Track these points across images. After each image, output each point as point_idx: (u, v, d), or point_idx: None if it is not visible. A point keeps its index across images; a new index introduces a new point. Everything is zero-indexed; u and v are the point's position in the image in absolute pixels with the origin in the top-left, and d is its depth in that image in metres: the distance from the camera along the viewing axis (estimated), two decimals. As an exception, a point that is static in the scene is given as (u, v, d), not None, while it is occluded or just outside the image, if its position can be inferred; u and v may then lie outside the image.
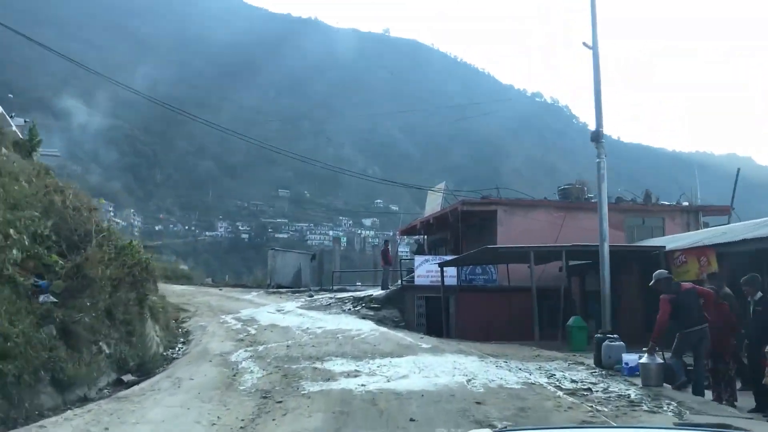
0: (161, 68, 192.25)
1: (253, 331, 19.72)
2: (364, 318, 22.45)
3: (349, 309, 24.32)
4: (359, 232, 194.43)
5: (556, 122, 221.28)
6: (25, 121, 44.07)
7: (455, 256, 25.29)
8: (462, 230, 26.50)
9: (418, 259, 25.34)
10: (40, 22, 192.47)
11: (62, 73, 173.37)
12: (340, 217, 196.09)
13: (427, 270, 24.61)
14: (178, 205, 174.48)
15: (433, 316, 24.48)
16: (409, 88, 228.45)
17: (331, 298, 28.20)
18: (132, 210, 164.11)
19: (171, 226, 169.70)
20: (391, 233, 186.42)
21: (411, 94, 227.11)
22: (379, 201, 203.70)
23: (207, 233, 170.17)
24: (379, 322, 22.32)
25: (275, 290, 34.67)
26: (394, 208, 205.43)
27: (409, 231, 35.81)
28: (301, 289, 35.21)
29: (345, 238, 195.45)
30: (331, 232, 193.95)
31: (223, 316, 23.35)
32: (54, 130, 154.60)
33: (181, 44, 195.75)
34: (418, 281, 25.17)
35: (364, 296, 25.71)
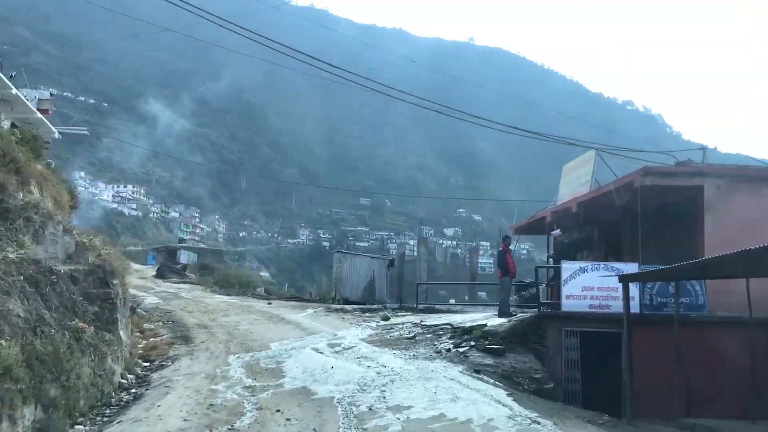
0: (246, 77, 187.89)
1: (253, 410, 9.20)
2: (478, 373, 11.75)
3: (448, 350, 13.59)
4: (441, 242, 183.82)
5: (649, 131, 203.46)
6: (51, 94, 36.48)
7: (632, 264, 14.29)
8: (633, 220, 15.36)
9: (568, 267, 14.15)
10: (128, 26, 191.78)
11: (149, 79, 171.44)
12: (421, 226, 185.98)
13: (584, 286, 13.68)
14: (262, 211, 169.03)
15: (596, 369, 13.45)
16: (493, 97, 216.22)
17: (416, 325, 17.49)
18: (217, 216, 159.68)
19: (254, 232, 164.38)
20: (474, 243, 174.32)
21: (495, 102, 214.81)
22: (461, 210, 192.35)
23: (289, 240, 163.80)
24: (506, 381, 11.60)
25: (340, 306, 24.38)
26: (477, 218, 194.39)
27: (532, 227, 24.45)
28: (374, 306, 24.77)
29: (425, 248, 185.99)
30: (411, 241, 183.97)
31: (234, 357, 13.16)
32: (141, 135, 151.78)
33: (267, 53, 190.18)
34: (567, 305, 14.11)
35: (471, 326, 14.94)
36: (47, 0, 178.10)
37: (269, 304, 26.02)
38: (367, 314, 22.07)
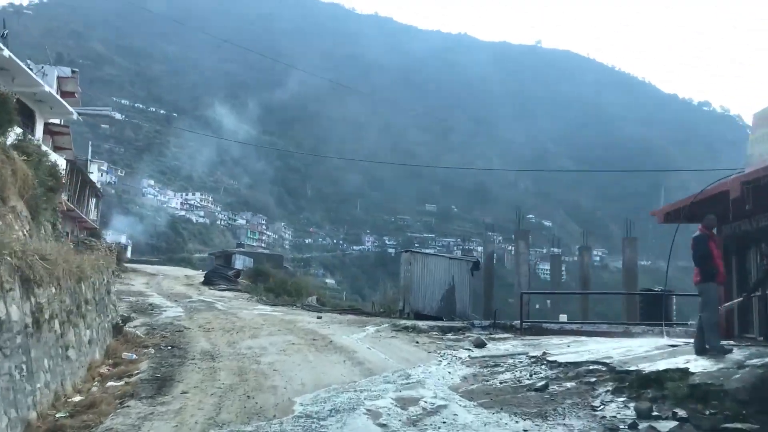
0: (311, 86, 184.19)
1: None
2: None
3: (633, 426, 6.70)
4: (510, 248, 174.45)
5: (729, 132, 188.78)
6: (73, 72, 31.51)
7: None
8: None
9: None
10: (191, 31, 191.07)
11: (217, 90, 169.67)
12: (489, 233, 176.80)
13: None
14: (327, 218, 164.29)
15: None
16: (562, 99, 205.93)
17: (535, 360, 10.48)
18: (283, 223, 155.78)
19: (320, 239, 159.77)
20: (545, 250, 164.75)
21: (564, 105, 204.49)
22: (530, 216, 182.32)
23: (354, 247, 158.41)
24: None
25: (410, 323, 17.60)
26: (547, 224, 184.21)
27: (695, 210, 16.71)
28: (456, 323, 17.94)
29: (495, 255, 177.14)
30: (480, 248, 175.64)
31: (219, 435, 6.74)
32: (209, 144, 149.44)
33: (332, 61, 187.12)
34: None
35: (655, 373, 7.94)
36: (119, 15, 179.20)
37: (319, 318, 19.60)
38: (450, 335, 15.26)
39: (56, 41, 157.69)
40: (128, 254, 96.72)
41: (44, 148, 21.56)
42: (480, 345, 13.29)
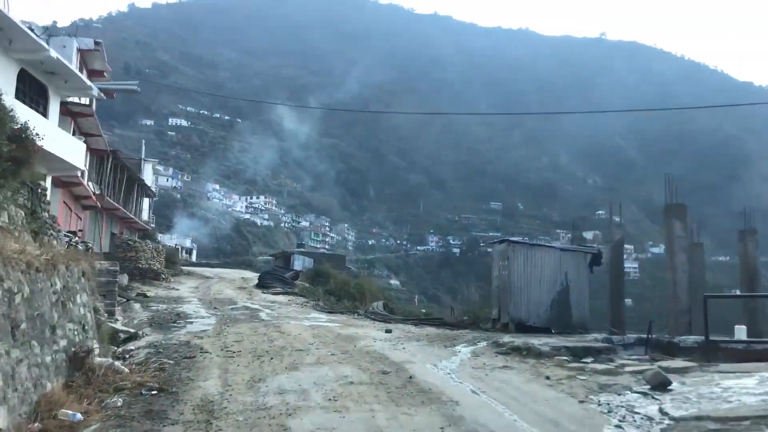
0: (371, 86, 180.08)
1: None
2: None
3: None
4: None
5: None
6: (96, 43, 27.22)
7: None
8: None
9: None
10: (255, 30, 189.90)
11: (278, 94, 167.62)
12: (557, 230, 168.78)
13: None
14: (390, 219, 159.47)
15: None
16: (627, 92, 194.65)
17: None
18: (346, 225, 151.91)
19: (383, 240, 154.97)
20: (632, 246, 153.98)
21: (630, 97, 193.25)
22: (600, 212, 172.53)
23: (418, 248, 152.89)
24: None
25: (522, 343, 11.96)
26: (617, 219, 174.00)
27: None
28: (586, 341, 12.27)
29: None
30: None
31: None
32: (272, 147, 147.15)
33: (392, 62, 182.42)
34: None
35: None
36: (184, 25, 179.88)
37: (388, 333, 14.30)
38: (590, 363, 9.68)
39: (124, 52, 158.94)
40: (193, 257, 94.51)
41: (58, 126, 17.35)
42: (662, 385, 7.67)
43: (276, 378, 8.69)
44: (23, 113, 14.01)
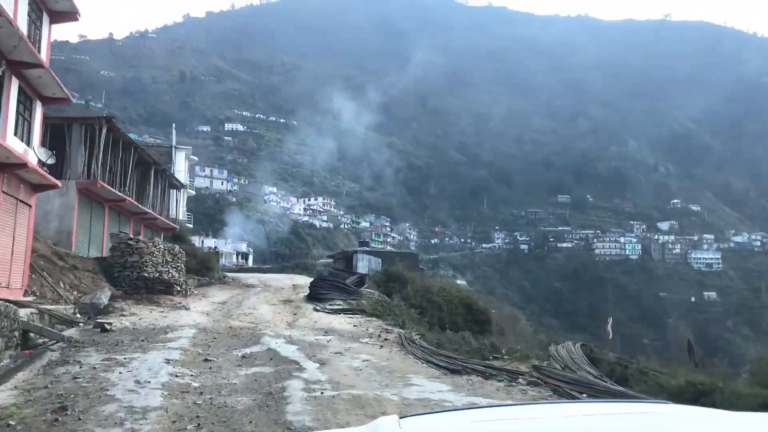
0: (428, 81, 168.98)
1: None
2: None
3: None
4: (656, 237, 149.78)
5: None
6: None
7: None
8: None
9: None
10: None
11: (334, 93, 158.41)
12: (630, 222, 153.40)
13: None
14: (453, 217, 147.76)
15: None
16: (697, 73, 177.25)
17: None
18: (407, 224, 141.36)
19: (446, 239, 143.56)
20: (696, 237, 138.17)
21: (699, 79, 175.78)
22: (675, 201, 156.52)
23: (483, 245, 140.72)
24: None
25: None
26: (695, 208, 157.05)
27: None
28: None
29: (639, 246, 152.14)
30: (622, 239, 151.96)
31: None
32: (328, 149, 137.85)
33: (448, 56, 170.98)
34: None
35: None
36: (238, 32, 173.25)
37: None
38: None
39: (179, 60, 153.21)
40: (249, 262, 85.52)
41: None
42: None
43: None
44: None
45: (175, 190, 35.84)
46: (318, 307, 19.46)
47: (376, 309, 18.82)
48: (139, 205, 26.56)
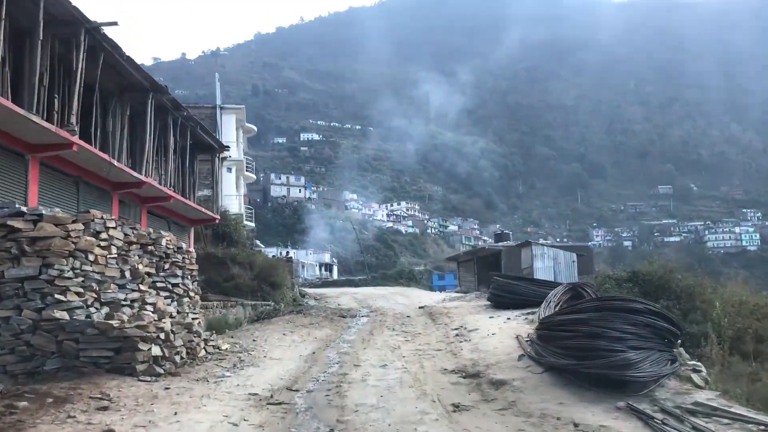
0: (505, 78, 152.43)
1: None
2: None
3: None
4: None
5: None
6: None
7: None
8: None
9: None
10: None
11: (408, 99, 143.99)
12: (743, 210, 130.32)
13: None
14: (545, 215, 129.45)
15: None
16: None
17: None
18: (498, 225, 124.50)
19: (540, 239, 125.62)
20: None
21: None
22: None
23: (581, 244, 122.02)
24: None
25: None
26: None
27: None
28: None
29: (758, 236, 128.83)
30: (737, 229, 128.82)
31: None
32: (408, 154, 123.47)
33: (528, 49, 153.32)
34: None
35: None
36: (309, 44, 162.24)
37: None
38: None
39: (252, 75, 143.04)
40: (334, 274, 71.59)
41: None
42: None
43: None
44: None
45: (220, 167, 21.71)
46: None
47: None
48: (124, 168, 12.24)
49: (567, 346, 6.48)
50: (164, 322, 6.97)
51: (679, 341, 7.33)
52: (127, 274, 7.65)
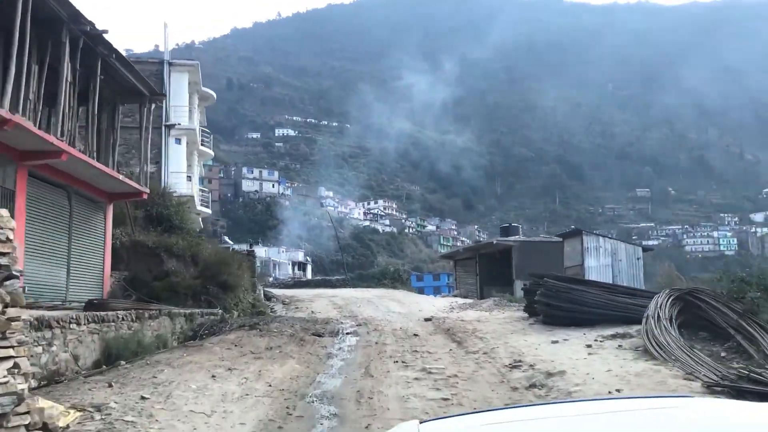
0: (484, 78, 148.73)
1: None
2: None
3: None
4: (753, 230, 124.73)
5: None
6: None
7: None
8: None
9: None
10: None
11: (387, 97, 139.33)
12: (721, 214, 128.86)
13: None
14: (523, 217, 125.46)
15: None
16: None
17: None
18: (476, 226, 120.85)
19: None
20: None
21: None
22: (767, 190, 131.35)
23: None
24: None
25: None
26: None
27: None
28: None
29: (735, 240, 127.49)
30: (715, 233, 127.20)
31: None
32: (388, 152, 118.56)
33: (504, 51, 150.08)
34: None
35: None
36: (286, 40, 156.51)
37: None
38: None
39: (227, 68, 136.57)
40: (308, 273, 66.44)
41: None
42: None
43: None
44: None
45: (166, 135, 16.62)
46: None
47: None
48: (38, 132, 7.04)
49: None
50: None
51: None
52: None
